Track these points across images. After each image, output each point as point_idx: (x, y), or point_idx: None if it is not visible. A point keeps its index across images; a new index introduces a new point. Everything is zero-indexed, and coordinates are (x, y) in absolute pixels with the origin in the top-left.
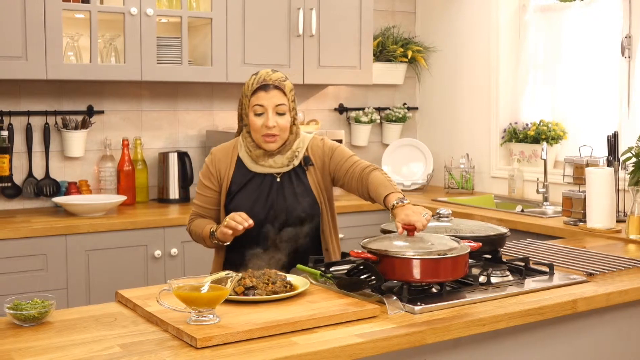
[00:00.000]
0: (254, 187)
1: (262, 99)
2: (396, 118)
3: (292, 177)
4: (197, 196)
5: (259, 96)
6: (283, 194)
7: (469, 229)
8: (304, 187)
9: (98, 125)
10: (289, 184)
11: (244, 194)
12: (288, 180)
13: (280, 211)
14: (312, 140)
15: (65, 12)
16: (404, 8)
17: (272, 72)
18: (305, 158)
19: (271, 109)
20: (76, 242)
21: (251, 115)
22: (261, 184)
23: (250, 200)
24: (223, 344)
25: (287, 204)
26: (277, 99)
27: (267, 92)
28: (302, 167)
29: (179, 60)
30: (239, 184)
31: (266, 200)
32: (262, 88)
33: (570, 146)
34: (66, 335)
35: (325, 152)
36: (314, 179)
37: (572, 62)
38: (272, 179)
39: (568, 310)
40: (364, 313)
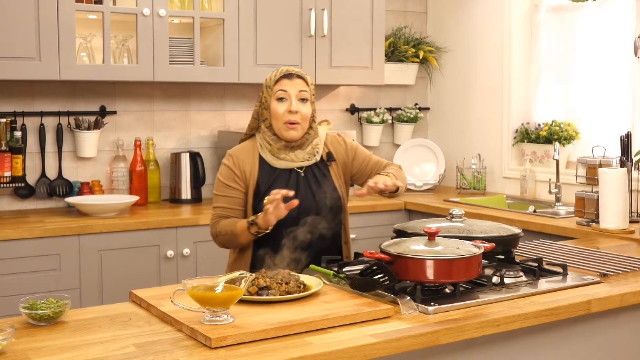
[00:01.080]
0: (281, 185)
1: (285, 85)
2: (408, 118)
3: (316, 172)
4: (219, 199)
5: (282, 83)
6: (310, 189)
7: (481, 230)
8: (329, 182)
9: (110, 126)
10: (314, 179)
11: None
12: (312, 176)
13: (310, 206)
14: (328, 136)
15: (78, 13)
16: (415, 8)
17: (294, 68)
18: (328, 154)
19: (294, 95)
20: (89, 242)
21: (274, 103)
22: (288, 181)
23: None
24: (237, 343)
25: (316, 199)
26: (300, 86)
27: (290, 80)
28: (324, 163)
29: (191, 61)
30: (266, 184)
31: (295, 197)
32: (285, 76)
33: (583, 147)
34: (81, 334)
35: (347, 151)
36: (336, 174)
37: (584, 63)
38: (296, 174)
39: (582, 311)
40: (378, 313)
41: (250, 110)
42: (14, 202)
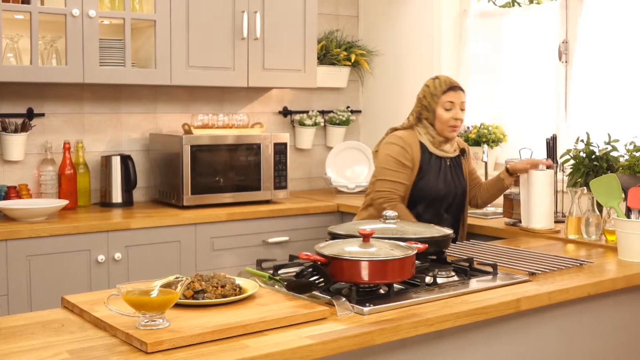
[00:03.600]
0: (436, 169)
1: (452, 97)
2: (340, 121)
3: (455, 163)
4: (396, 175)
5: (449, 95)
6: (454, 174)
7: (414, 231)
8: (462, 172)
9: (38, 128)
10: (454, 168)
11: (431, 176)
12: (454, 165)
13: (455, 188)
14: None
15: (5, 12)
16: (347, 12)
17: (451, 78)
18: (462, 150)
19: (458, 105)
20: (17, 248)
21: (440, 110)
22: (440, 167)
23: (436, 180)
24: (174, 348)
25: (457, 183)
26: (462, 97)
27: (455, 92)
28: (459, 157)
29: (122, 63)
30: (426, 166)
31: (445, 179)
32: (452, 89)
33: (510, 149)
34: (12, 342)
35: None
36: (464, 166)
37: (511, 67)
38: (445, 162)
39: (512, 309)
40: (314, 315)
41: (182, 113)
42: None
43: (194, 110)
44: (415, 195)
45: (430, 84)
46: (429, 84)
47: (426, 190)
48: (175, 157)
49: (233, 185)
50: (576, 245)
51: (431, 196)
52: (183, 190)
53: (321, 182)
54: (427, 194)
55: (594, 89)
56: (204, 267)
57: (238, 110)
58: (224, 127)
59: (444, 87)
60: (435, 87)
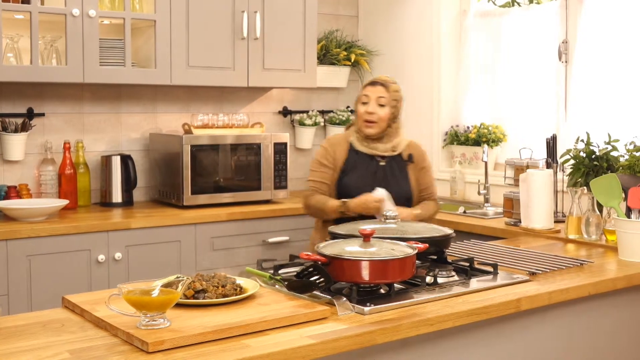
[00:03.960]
0: (362, 168)
1: (368, 91)
2: (340, 121)
3: (394, 166)
4: (315, 174)
5: (367, 90)
6: (386, 177)
7: (414, 231)
8: (404, 177)
9: (38, 128)
10: (391, 169)
11: (354, 173)
12: (390, 168)
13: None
14: (411, 142)
15: (5, 12)
16: (347, 12)
17: (386, 77)
18: (410, 155)
19: (374, 100)
20: (17, 247)
21: (359, 105)
22: (368, 166)
23: (359, 179)
24: (174, 347)
25: (389, 184)
26: (379, 92)
27: (373, 87)
28: (403, 161)
29: (122, 62)
30: (350, 165)
31: (372, 181)
32: (370, 84)
33: (510, 149)
34: (13, 342)
35: (420, 162)
36: (412, 173)
37: (511, 67)
38: (377, 162)
39: (512, 309)
40: (315, 315)
41: (182, 113)
42: None
43: (194, 110)
44: (340, 192)
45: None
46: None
47: (349, 188)
48: (175, 157)
49: (233, 185)
50: (576, 245)
51: (355, 193)
52: (183, 190)
53: None
54: (351, 191)
55: (594, 88)
56: (204, 267)
57: (238, 110)
58: (224, 127)
59: (365, 83)
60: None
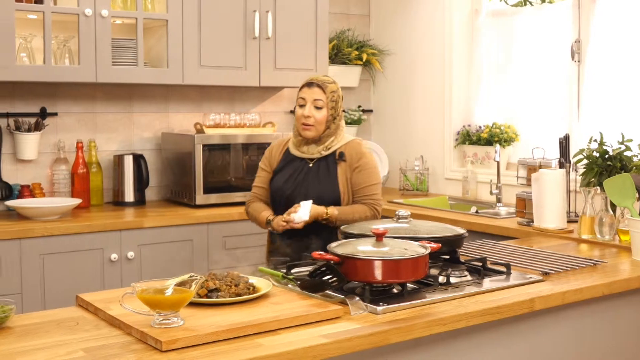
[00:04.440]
0: (289, 169)
1: (304, 93)
2: (351, 120)
3: (322, 166)
4: (256, 179)
5: (303, 91)
6: (309, 177)
7: (427, 230)
8: (330, 176)
9: (51, 128)
10: (318, 170)
11: (281, 175)
12: (318, 168)
13: (303, 190)
14: (352, 141)
15: (18, 12)
16: (358, 11)
17: (323, 76)
18: (340, 153)
19: (310, 102)
20: (30, 246)
21: (296, 107)
22: (296, 169)
23: (282, 179)
24: (188, 346)
25: (310, 185)
26: (316, 94)
27: (310, 88)
28: (334, 159)
29: (134, 62)
30: (281, 167)
31: (295, 180)
32: (306, 85)
33: (522, 148)
34: (28, 340)
35: (355, 161)
36: (343, 172)
37: (523, 66)
38: (305, 164)
39: (525, 309)
40: (328, 314)
41: (194, 112)
42: None
43: (206, 110)
44: (271, 196)
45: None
46: None
47: (274, 190)
48: (187, 156)
49: (245, 185)
50: (589, 245)
51: (279, 196)
52: (195, 189)
53: None
54: (276, 194)
55: (607, 88)
56: (216, 266)
57: (250, 109)
58: (236, 126)
59: (301, 84)
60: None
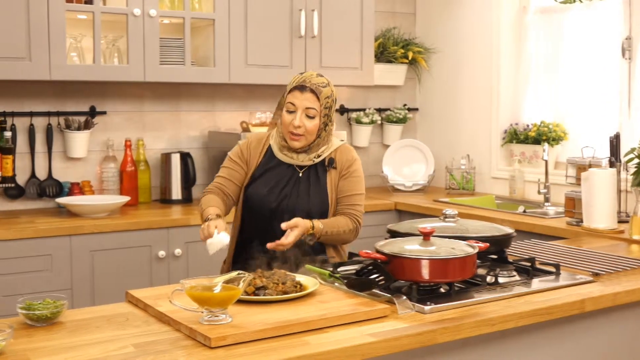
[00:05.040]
0: (274, 177)
1: (296, 98)
2: (397, 119)
3: (312, 175)
4: (222, 170)
5: (294, 95)
6: (299, 188)
7: (475, 230)
8: (320, 186)
9: (100, 126)
10: (308, 180)
11: (262, 182)
12: (308, 177)
13: (291, 204)
14: (342, 146)
15: (69, 13)
16: (404, 9)
17: (316, 76)
18: (330, 159)
19: (301, 110)
20: (80, 243)
21: (284, 111)
22: (282, 176)
23: (266, 188)
24: (236, 343)
25: (299, 199)
26: (308, 102)
27: (302, 93)
28: (324, 167)
29: (181, 61)
30: (262, 170)
31: (280, 192)
32: (298, 88)
33: (571, 147)
34: (79, 335)
35: (345, 168)
36: (332, 181)
37: (573, 64)
38: (294, 172)
39: (576, 310)
40: (375, 313)
41: (240, 111)
42: (4, 202)
43: (252, 108)
44: (245, 203)
45: (292, 78)
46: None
47: (254, 196)
48: None
49: None
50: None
51: (256, 206)
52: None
53: (378, 180)
54: (254, 201)
55: None
56: None
57: None
58: None
59: (293, 84)
60: (289, 83)
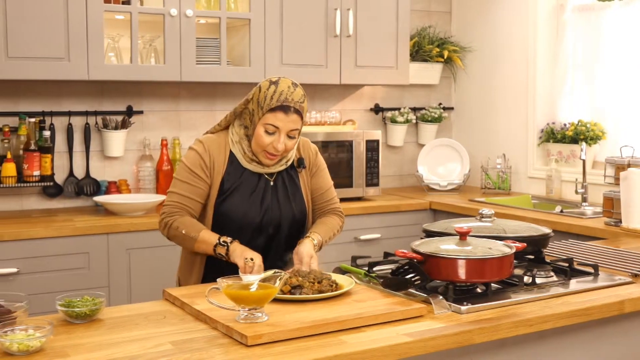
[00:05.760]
0: (248, 190)
1: (279, 120)
2: (432, 118)
3: (285, 179)
4: (180, 185)
5: (277, 116)
6: (277, 197)
7: (512, 230)
8: (296, 190)
9: (137, 125)
10: (282, 186)
11: (238, 196)
12: (281, 183)
13: (275, 215)
14: (301, 141)
15: (107, 13)
16: (439, 8)
17: (294, 89)
18: (300, 160)
19: (285, 132)
20: (117, 241)
21: (260, 130)
22: (256, 187)
23: (245, 203)
24: (273, 342)
25: (281, 208)
26: (293, 123)
27: (286, 115)
28: (294, 169)
29: (217, 61)
30: (232, 183)
31: (261, 205)
32: (282, 109)
33: (610, 147)
34: (117, 332)
35: (312, 163)
36: (304, 181)
37: (611, 62)
38: (265, 181)
39: (615, 312)
40: (411, 312)
41: None
42: (42, 200)
43: None
44: (218, 220)
45: (264, 88)
46: (263, 86)
47: (229, 216)
48: None
49: None
50: None
51: (239, 223)
52: None
53: (412, 180)
54: (230, 221)
55: None
56: None
57: (330, 107)
58: (316, 124)
59: (274, 102)
60: (265, 97)
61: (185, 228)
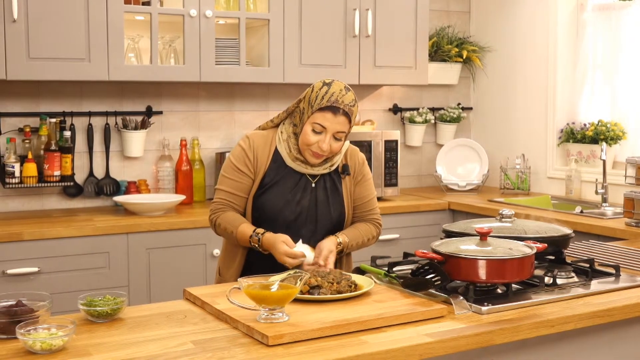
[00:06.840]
0: (287, 187)
1: (327, 120)
2: (450, 118)
3: (327, 183)
4: (225, 181)
5: (325, 116)
6: (315, 200)
7: (533, 230)
8: (337, 195)
9: (157, 126)
10: (323, 189)
11: (276, 192)
12: (322, 187)
13: (310, 216)
14: (350, 148)
15: (127, 14)
16: (458, 8)
17: (345, 92)
18: (345, 166)
19: (331, 133)
20: (137, 241)
21: (307, 128)
22: (295, 186)
23: (282, 200)
24: (294, 342)
25: (318, 211)
26: (341, 125)
27: (335, 116)
28: (338, 174)
29: (236, 61)
30: (272, 177)
31: (297, 205)
32: (331, 109)
33: (631, 147)
34: (139, 331)
35: (358, 172)
36: (347, 188)
37: (631, 61)
38: (306, 182)
39: (637, 313)
40: (432, 313)
41: None
42: (63, 200)
43: None
44: (255, 214)
45: (316, 88)
46: (315, 86)
47: (264, 210)
48: None
49: None
50: None
51: (274, 219)
52: None
53: (431, 180)
54: (265, 213)
55: None
56: None
57: None
58: None
59: (324, 101)
60: (317, 97)
61: (227, 223)
